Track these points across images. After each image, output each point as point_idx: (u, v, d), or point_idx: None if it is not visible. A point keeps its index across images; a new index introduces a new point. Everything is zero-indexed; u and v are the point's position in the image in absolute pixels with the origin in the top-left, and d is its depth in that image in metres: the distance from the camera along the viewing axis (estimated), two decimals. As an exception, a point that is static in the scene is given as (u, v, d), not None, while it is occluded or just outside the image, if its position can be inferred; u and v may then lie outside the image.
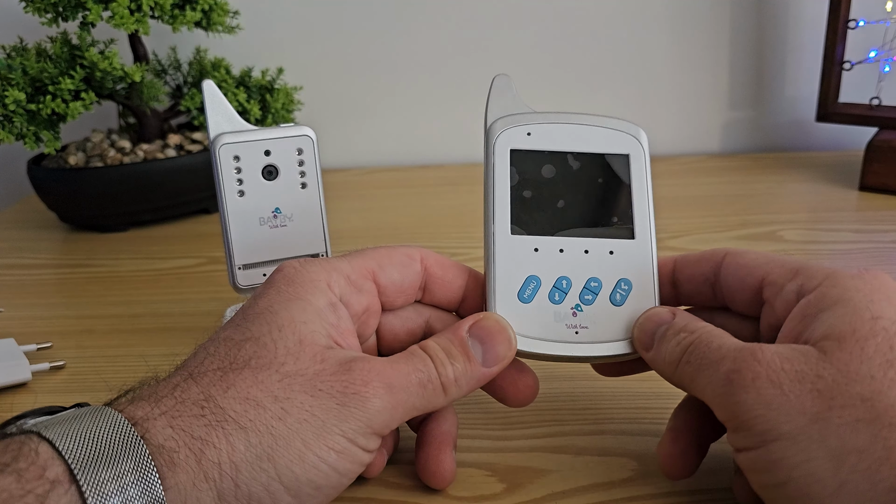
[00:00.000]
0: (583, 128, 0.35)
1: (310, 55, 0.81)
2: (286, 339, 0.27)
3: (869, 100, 0.70)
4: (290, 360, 0.27)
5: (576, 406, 0.38)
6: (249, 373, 0.26)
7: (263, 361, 0.26)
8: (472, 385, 0.30)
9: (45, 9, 0.60)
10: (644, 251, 0.34)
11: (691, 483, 0.32)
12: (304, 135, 0.41)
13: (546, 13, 0.79)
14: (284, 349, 0.27)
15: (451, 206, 0.69)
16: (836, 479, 0.23)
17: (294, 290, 0.29)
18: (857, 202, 0.66)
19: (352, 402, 0.26)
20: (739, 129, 0.83)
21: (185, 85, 0.72)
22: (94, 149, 0.67)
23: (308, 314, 0.28)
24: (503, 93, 0.36)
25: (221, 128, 0.40)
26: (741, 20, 0.79)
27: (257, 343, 0.27)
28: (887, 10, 0.68)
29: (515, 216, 0.34)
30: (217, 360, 0.27)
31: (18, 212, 0.76)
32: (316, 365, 0.27)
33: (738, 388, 0.26)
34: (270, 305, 0.29)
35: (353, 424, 0.26)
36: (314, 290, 0.29)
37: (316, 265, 0.30)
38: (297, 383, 0.26)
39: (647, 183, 0.35)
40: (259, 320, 0.28)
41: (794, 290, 0.29)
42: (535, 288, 0.33)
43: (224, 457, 0.24)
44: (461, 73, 0.82)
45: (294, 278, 0.30)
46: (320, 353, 0.27)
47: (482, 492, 0.32)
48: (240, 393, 0.25)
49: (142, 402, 0.25)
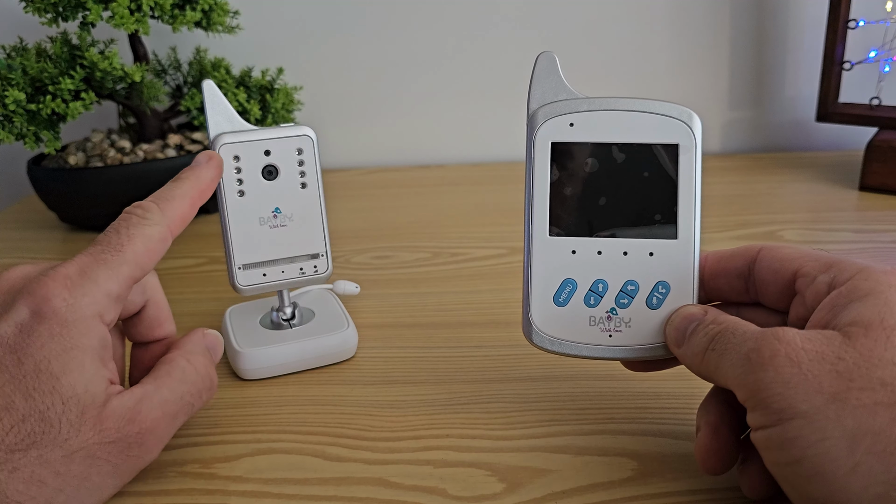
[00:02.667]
0: (630, 115, 0.33)
1: (310, 55, 0.81)
2: (69, 412, 0.28)
3: (869, 100, 0.70)
4: (73, 435, 0.28)
5: (576, 406, 0.38)
6: (35, 452, 0.27)
7: (48, 439, 0.27)
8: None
9: (45, 9, 0.60)
10: (686, 253, 0.33)
11: (691, 483, 0.32)
12: (304, 135, 0.41)
13: (546, 13, 0.79)
14: (68, 424, 0.28)
15: (451, 206, 0.69)
16: (851, 459, 0.23)
17: (69, 333, 0.29)
18: (857, 202, 0.66)
19: (132, 456, 0.29)
20: (739, 129, 0.83)
21: (185, 85, 0.72)
22: (94, 149, 0.67)
23: (86, 370, 0.29)
24: (547, 74, 0.33)
25: (221, 128, 0.40)
26: (741, 20, 0.79)
27: (42, 420, 0.27)
28: (887, 10, 0.68)
29: (554, 216, 0.33)
30: (1, 434, 0.27)
31: (18, 212, 0.76)
32: (95, 435, 0.28)
33: (757, 365, 0.26)
34: (48, 362, 0.28)
35: (126, 476, 0.30)
36: (87, 331, 0.29)
37: (86, 297, 0.29)
38: (78, 457, 0.28)
39: (695, 177, 0.33)
40: (41, 387, 0.28)
41: (825, 282, 0.29)
42: (571, 292, 0.33)
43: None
44: (461, 74, 0.82)
45: (67, 318, 0.29)
46: (99, 419, 0.29)
47: (482, 491, 0.32)
48: (24, 475, 0.27)
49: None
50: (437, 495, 0.32)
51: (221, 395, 0.40)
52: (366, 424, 0.37)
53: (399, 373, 0.42)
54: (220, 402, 0.40)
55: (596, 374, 0.40)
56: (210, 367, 0.35)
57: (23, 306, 0.29)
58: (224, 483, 0.33)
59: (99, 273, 0.30)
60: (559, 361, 0.41)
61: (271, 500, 0.32)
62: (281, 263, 0.42)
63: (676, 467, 0.33)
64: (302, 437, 0.36)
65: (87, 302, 0.29)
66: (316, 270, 0.42)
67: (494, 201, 0.70)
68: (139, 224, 0.32)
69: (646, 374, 0.37)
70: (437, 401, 0.39)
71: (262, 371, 0.41)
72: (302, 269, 0.42)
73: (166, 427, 0.31)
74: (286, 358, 0.42)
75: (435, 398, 0.39)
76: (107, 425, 0.29)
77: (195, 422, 0.38)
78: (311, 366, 0.42)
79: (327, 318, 0.45)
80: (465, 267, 0.56)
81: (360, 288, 0.51)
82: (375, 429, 0.37)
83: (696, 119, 0.33)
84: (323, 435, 0.36)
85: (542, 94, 0.33)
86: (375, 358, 0.44)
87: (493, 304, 0.49)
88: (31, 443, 0.27)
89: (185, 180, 0.36)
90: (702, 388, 0.33)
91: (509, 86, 0.81)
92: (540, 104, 0.33)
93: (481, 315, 0.48)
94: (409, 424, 0.37)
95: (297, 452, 0.35)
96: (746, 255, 0.33)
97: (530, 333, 0.34)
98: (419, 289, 0.53)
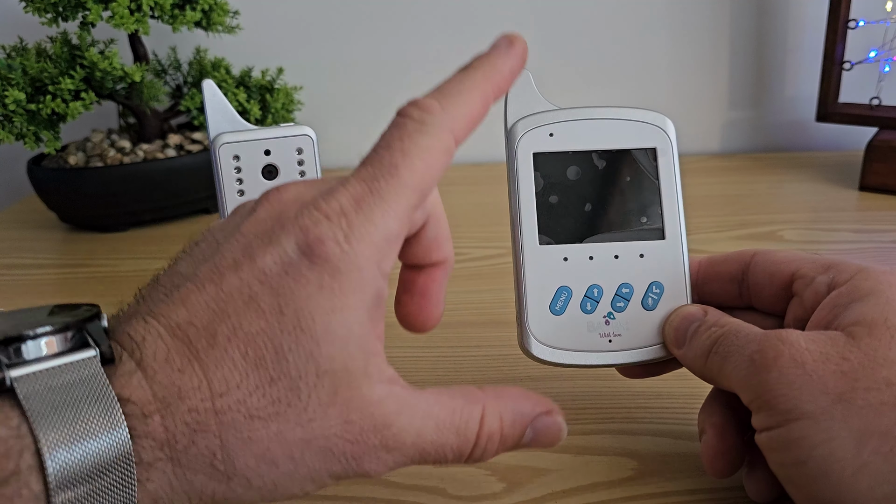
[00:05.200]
0: (607, 122, 0.34)
1: (310, 55, 0.81)
2: (321, 388, 0.23)
3: (869, 100, 0.70)
4: (318, 417, 0.23)
5: (576, 406, 0.38)
6: (276, 427, 0.22)
7: (292, 414, 0.22)
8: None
9: (45, 9, 0.60)
10: (675, 252, 0.33)
11: (691, 483, 0.32)
12: (305, 134, 0.41)
13: (546, 13, 0.79)
14: (317, 401, 0.23)
15: (451, 206, 0.69)
16: (858, 460, 0.23)
17: (340, 288, 0.23)
18: (857, 202, 0.66)
19: (353, 470, 0.24)
20: (739, 129, 0.83)
21: (185, 85, 0.72)
22: (94, 149, 0.67)
23: (351, 340, 0.23)
24: (522, 89, 0.34)
25: (221, 127, 0.40)
26: (741, 20, 0.79)
27: (291, 389, 0.22)
28: (887, 10, 0.68)
29: (543, 224, 0.33)
30: (243, 387, 0.22)
31: (18, 212, 0.76)
32: (340, 426, 0.23)
33: (761, 367, 0.26)
34: (311, 319, 0.22)
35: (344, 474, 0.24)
36: (362, 286, 0.23)
37: (363, 242, 0.23)
38: (315, 445, 0.23)
39: (675, 178, 0.34)
40: (298, 349, 0.22)
41: (825, 283, 0.29)
42: (567, 299, 0.33)
43: (219, 497, 0.22)
44: (461, 73, 0.81)
45: (340, 267, 0.23)
46: (348, 408, 0.23)
47: (482, 491, 0.32)
48: (259, 449, 0.22)
49: (150, 419, 0.21)
50: (437, 495, 0.32)
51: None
52: (366, 424, 0.37)
53: (399, 372, 0.42)
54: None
55: (596, 373, 0.40)
56: (505, 445, 0.26)
57: (292, 240, 0.23)
58: (224, 483, 0.33)
59: (375, 209, 0.24)
60: (559, 361, 0.41)
61: (271, 500, 0.32)
62: (281, 263, 0.42)
63: (676, 467, 0.33)
64: (302, 436, 0.36)
65: (363, 248, 0.23)
66: (316, 270, 0.42)
67: (494, 201, 0.70)
68: (415, 133, 0.25)
69: (646, 374, 0.37)
70: (437, 401, 0.39)
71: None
72: (302, 268, 0.42)
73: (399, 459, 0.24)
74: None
75: (435, 398, 0.39)
76: (352, 417, 0.23)
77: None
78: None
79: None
80: (465, 267, 0.56)
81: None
82: (375, 429, 0.37)
83: (669, 123, 0.34)
84: (323, 435, 0.36)
85: (518, 107, 0.34)
86: (375, 358, 0.44)
87: (492, 304, 0.49)
88: (274, 412, 0.22)
89: (477, 69, 0.28)
90: (701, 387, 0.33)
91: (509, 86, 0.81)
92: (518, 117, 0.34)
93: (481, 315, 0.48)
94: (409, 424, 0.37)
95: (297, 452, 0.35)
96: (740, 260, 0.33)
97: (529, 345, 0.33)
98: (419, 289, 0.52)
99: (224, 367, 0.22)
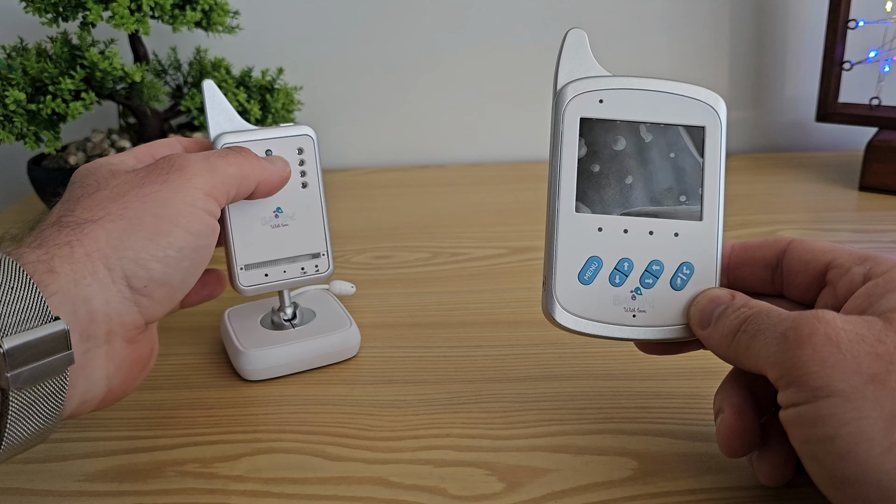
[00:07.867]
0: (659, 95, 0.33)
1: (310, 55, 0.81)
2: (99, 177, 0.33)
3: (869, 100, 0.70)
4: (112, 182, 0.32)
5: (576, 406, 0.38)
6: (86, 198, 0.32)
7: (91, 190, 0.32)
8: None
9: (45, 9, 0.60)
10: (710, 235, 0.33)
11: (691, 483, 0.32)
12: (305, 134, 0.41)
13: (545, 13, 0.79)
14: (105, 181, 0.33)
15: (451, 206, 0.69)
16: (888, 439, 0.24)
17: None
18: (857, 202, 0.66)
19: (175, 179, 0.32)
20: (739, 129, 0.83)
21: (185, 85, 0.72)
22: (94, 149, 0.67)
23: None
24: (576, 51, 0.33)
25: (222, 128, 0.40)
26: (741, 20, 0.79)
27: (82, 185, 0.33)
28: (887, 10, 0.68)
29: (581, 192, 0.33)
30: (55, 212, 0.32)
31: (18, 212, 0.76)
32: (134, 175, 0.33)
33: (794, 343, 0.26)
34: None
35: (188, 193, 0.32)
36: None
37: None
38: (124, 186, 0.32)
39: (720, 160, 0.33)
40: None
41: (861, 273, 0.29)
42: (597, 269, 0.32)
43: (91, 249, 0.29)
44: (461, 73, 0.82)
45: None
46: (133, 172, 0.33)
47: (482, 491, 0.32)
48: (84, 207, 0.31)
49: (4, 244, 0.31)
50: (437, 495, 0.32)
51: (222, 395, 0.40)
52: (366, 424, 0.37)
53: (399, 372, 0.42)
54: (220, 401, 0.40)
55: (596, 373, 0.40)
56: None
57: None
58: (224, 483, 0.33)
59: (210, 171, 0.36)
60: (559, 361, 0.41)
61: (271, 500, 0.32)
62: (282, 263, 0.42)
63: (676, 467, 0.33)
64: (302, 436, 0.36)
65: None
66: (317, 270, 0.42)
67: (494, 201, 0.70)
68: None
69: (646, 374, 0.37)
70: (437, 400, 0.39)
71: (266, 371, 0.41)
72: (303, 268, 0.42)
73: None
74: (290, 358, 0.42)
75: (435, 398, 0.39)
76: (145, 169, 0.34)
77: (195, 421, 0.38)
78: (315, 365, 0.43)
79: (329, 318, 0.45)
80: (465, 267, 0.56)
81: (355, 288, 0.51)
82: (375, 428, 0.37)
83: (721, 103, 0.34)
84: (323, 434, 0.36)
85: (570, 69, 0.33)
86: (375, 358, 0.44)
87: (492, 304, 0.49)
88: (77, 198, 0.32)
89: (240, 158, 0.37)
90: (702, 387, 0.33)
91: (509, 86, 0.81)
92: (569, 80, 0.33)
93: (481, 315, 0.48)
94: (409, 424, 0.37)
95: (297, 452, 0.35)
96: (776, 246, 0.33)
97: (553, 311, 0.32)
98: (419, 289, 0.53)
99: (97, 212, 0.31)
